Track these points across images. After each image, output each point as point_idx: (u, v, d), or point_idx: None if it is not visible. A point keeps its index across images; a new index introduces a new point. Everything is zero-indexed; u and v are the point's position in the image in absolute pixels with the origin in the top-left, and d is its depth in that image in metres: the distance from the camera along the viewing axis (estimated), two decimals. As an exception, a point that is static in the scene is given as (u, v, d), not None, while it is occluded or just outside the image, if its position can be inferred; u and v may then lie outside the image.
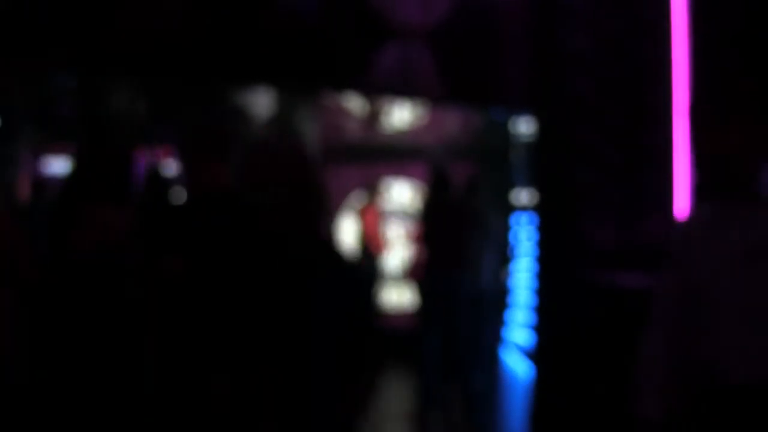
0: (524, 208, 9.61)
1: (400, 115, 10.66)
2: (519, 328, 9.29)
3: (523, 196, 9.86)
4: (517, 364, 8.78)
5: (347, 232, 10.61)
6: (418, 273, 7.38)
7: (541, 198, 5.55)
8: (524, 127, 9.49)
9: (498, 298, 8.04)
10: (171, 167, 6.67)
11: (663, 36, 5.21)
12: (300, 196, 2.22)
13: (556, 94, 5.37)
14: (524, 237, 9.41)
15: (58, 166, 9.23)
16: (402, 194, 10.94)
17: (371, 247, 10.12)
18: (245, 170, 2.27)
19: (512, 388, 8.00)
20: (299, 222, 2.19)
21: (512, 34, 5.79)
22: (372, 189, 10.37)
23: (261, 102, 9.66)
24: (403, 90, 5.77)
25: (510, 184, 10.06)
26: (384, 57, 5.47)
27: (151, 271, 2.46)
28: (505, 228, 9.20)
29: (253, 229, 2.21)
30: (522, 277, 9.45)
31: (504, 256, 7.89)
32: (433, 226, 6.95)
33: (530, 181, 8.63)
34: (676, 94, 5.20)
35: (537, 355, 5.66)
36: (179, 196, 2.99)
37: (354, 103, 10.31)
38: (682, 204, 5.03)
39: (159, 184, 4.97)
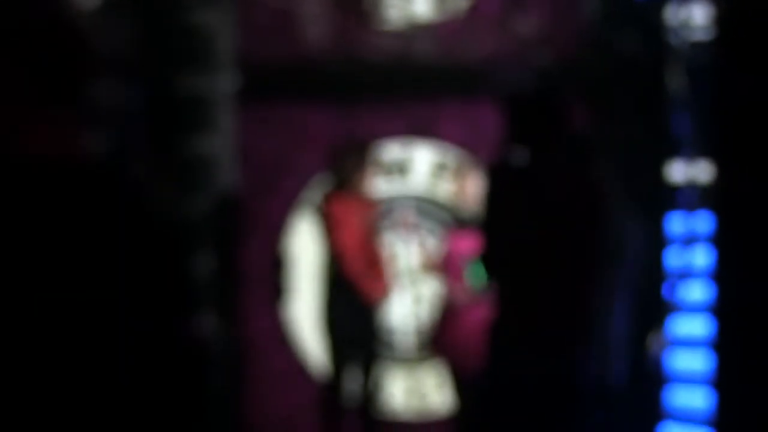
0: (693, 201, 5.72)
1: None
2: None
3: (692, 172, 5.71)
4: None
5: (303, 253, 6.15)
6: (459, 347, 5.21)
7: (731, 180, 4.14)
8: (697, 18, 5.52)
9: (639, 398, 5.44)
10: None
11: None
12: None
13: None
14: (696, 263, 5.75)
15: None
16: (422, 171, 6.45)
17: (360, 283, 5.49)
18: None
19: None
20: None
21: None
22: (354, 161, 5.66)
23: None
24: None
25: (665, 149, 5.78)
26: None
27: None
28: (656, 245, 5.62)
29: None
30: (692, 355, 5.94)
31: (653, 307, 5.41)
32: (506, 242, 3.96)
33: (709, 145, 5.17)
34: None
35: None
36: None
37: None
38: None
39: None
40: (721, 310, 4.37)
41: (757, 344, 4.20)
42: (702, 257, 5.75)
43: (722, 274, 4.39)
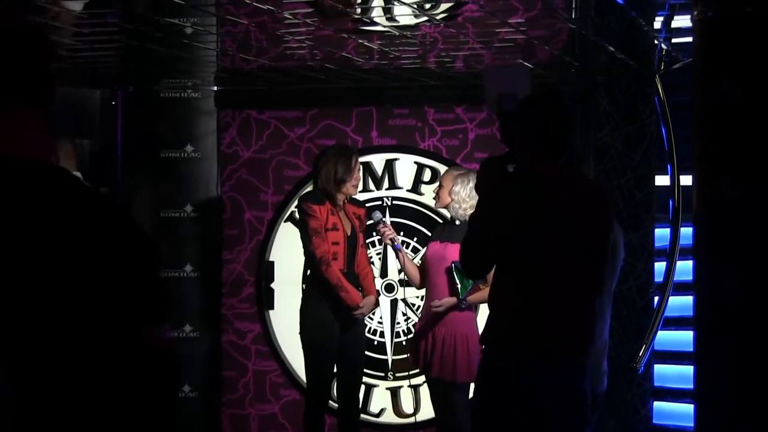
0: (678, 210, 5.32)
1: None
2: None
3: (675, 181, 5.31)
4: None
5: (285, 260, 5.92)
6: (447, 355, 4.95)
7: (714, 189, 3.68)
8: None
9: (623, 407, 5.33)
10: None
11: None
12: None
13: None
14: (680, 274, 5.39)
15: None
16: (406, 177, 5.98)
17: (341, 289, 5.14)
18: None
19: None
20: None
21: None
22: (338, 167, 5.19)
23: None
24: None
25: (647, 162, 5.42)
26: None
27: None
28: (643, 256, 5.37)
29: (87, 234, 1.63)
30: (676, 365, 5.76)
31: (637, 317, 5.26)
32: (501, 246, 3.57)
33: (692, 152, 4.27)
34: None
35: None
36: None
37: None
38: None
39: None
40: (705, 319, 4.07)
41: (740, 353, 3.89)
42: (685, 267, 5.27)
43: (705, 283, 4.07)
